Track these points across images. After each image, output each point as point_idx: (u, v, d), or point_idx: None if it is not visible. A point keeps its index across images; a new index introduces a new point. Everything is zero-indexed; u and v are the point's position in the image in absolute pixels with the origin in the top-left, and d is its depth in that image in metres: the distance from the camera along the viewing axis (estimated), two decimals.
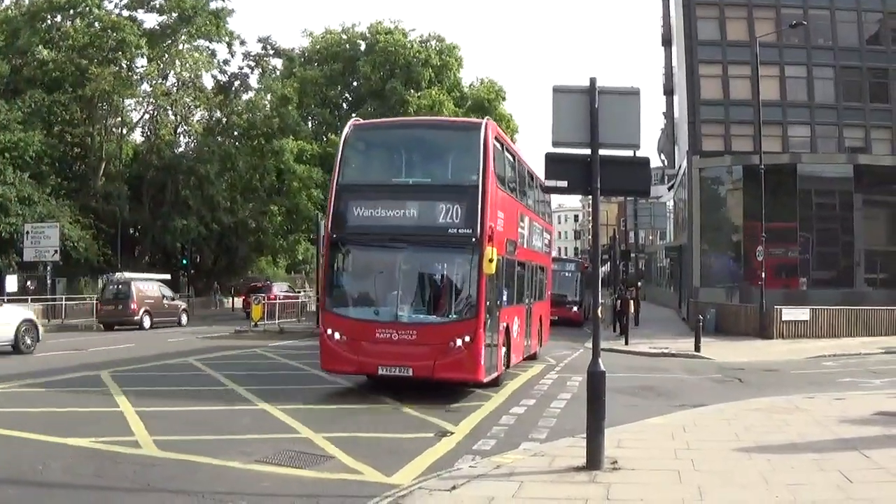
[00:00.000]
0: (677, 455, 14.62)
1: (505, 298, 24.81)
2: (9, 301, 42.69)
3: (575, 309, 58.34)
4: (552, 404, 21.82)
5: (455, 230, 21.98)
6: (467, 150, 23.14)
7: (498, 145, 24.00)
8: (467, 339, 21.54)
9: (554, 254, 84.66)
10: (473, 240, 21.64)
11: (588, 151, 13.75)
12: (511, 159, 27.16)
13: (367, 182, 24.28)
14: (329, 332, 22.88)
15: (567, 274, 60.23)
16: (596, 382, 13.63)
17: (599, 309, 15.15)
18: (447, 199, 22.39)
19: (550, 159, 14.15)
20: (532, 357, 32.61)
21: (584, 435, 13.75)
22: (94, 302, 54.73)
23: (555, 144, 14.03)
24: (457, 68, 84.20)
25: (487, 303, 22.12)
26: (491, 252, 21.03)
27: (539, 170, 20.29)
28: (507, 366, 25.83)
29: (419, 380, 22.20)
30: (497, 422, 19.02)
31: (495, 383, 24.02)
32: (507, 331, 25.32)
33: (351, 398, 22.78)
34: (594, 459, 13.33)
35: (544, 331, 36.15)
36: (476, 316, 21.73)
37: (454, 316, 22.37)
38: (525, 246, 29.18)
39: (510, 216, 25.44)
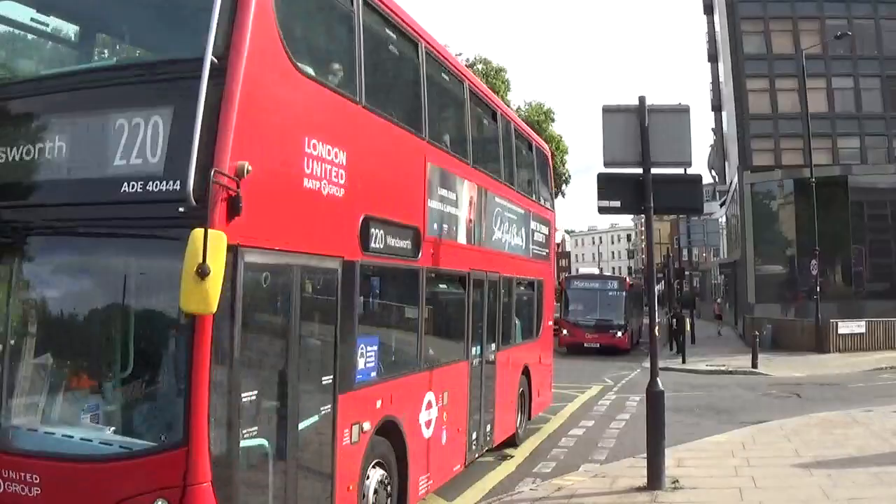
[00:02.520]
0: (738, 472, 14.59)
1: (372, 363, 11.30)
2: None
3: (620, 334, 50.85)
4: (611, 425, 21.84)
5: (139, 186, 8.27)
6: None
7: None
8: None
9: (590, 270, 78.17)
10: (181, 210, 7.83)
11: (640, 171, 13.80)
12: (392, 34, 12.71)
13: None
14: None
15: (610, 293, 53.10)
16: (655, 402, 13.67)
17: (657, 328, 15.13)
18: (135, 104, 8.60)
19: (603, 179, 14.22)
20: (506, 444, 18.21)
21: (645, 455, 13.81)
22: None
23: (606, 164, 14.12)
24: (504, 91, 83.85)
25: (226, 397, 8.06)
26: (199, 246, 7.38)
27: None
28: None
29: None
30: (557, 444, 19.10)
31: None
32: (397, 433, 12.02)
33: None
34: (655, 479, 13.36)
35: (538, 390, 21.12)
36: (183, 440, 7.76)
37: (132, 439, 8.22)
38: (466, 240, 15.13)
39: (384, 160, 11.80)
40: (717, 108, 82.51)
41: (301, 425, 9.24)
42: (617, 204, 14.39)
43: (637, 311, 56.62)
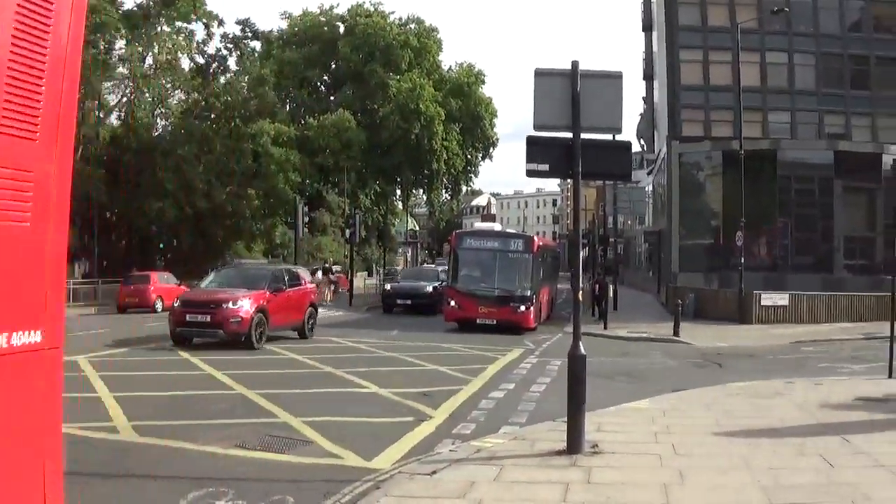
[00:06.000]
0: (658, 439, 14.57)
1: None
2: None
3: (523, 308, 39.74)
4: (531, 388, 21.67)
5: None
6: None
7: None
8: None
9: (490, 225, 53.72)
10: None
11: (570, 135, 13.68)
12: None
13: None
14: None
15: (512, 256, 41.49)
16: (577, 366, 13.61)
17: (580, 293, 15.09)
18: None
19: (532, 143, 14.07)
20: None
21: (565, 419, 13.73)
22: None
23: (536, 128, 13.94)
24: (436, 51, 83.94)
25: None
26: None
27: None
28: None
29: None
30: (476, 406, 18.88)
31: None
32: None
33: (328, 382, 22.14)
34: (575, 443, 13.27)
35: None
36: None
37: None
38: None
39: None
40: (648, 77, 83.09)
41: None
42: (545, 167, 14.27)
43: (548, 278, 49.51)
